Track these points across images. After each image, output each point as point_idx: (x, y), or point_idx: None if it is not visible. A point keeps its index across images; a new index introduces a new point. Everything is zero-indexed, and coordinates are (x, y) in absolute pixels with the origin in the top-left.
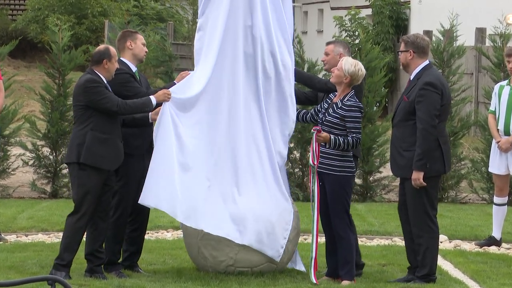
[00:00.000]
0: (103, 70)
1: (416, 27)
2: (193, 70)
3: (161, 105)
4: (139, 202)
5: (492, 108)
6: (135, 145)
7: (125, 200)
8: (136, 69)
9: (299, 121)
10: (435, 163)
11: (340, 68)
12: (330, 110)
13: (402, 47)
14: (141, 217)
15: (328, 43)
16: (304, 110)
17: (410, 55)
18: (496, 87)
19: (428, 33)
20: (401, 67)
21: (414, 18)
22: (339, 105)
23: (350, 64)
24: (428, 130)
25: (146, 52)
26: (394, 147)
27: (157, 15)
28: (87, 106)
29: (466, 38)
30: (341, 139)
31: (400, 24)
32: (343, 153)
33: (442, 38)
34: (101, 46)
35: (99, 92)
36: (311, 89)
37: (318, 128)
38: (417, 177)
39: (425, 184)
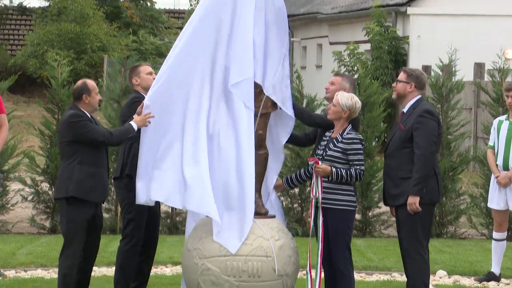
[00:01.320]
0: (84, 105)
1: (415, 62)
2: None
3: None
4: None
5: (491, 143)
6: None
7: (138, 229)
8: None
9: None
10: (431, 192)
11: (337, 104)
12: (331, 145)
13: (403, 77)
14: (151, 248)
15: (336, 74)
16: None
17: (411, 87)
18: (495, 122)
19: (427, 68)
20: (393, 96)
21: (413, 53)
22: (340, 139)
23: (346, 98)
24: (426, 156)
25: (154, 78)
26: (387, 177)
27: (156, 50)
28: (73, 141)
29: (465, 73)
30: (343, 171)
31: (399, 59)
32: (346, 187)
33: (441, 73)
34: (79, 82)
35: (83, 126)
36: (300, 121)
37: (315, 159)
38: (414, 201)
39: (420, 209)
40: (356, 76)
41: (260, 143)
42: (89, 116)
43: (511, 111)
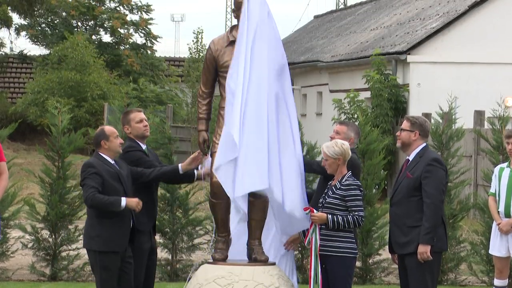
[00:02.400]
0: (105, 150)
1: (415, 110)
2: (192, 152)
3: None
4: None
5: (492, 190)
6: (142, 222)
7: (132, 275)
8: (146, 146)
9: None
10: (440, 240)
11: (327, 157)
12: (330, 192)
13: (407, 126)
14: None
15: (341, 123)
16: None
17: (415, 136)
18: (496, 169)
19: (427, 115)
20: (398, 144)
21: (413, 100)
22: (338, 186)
23: (332, 148)
24: (437, 205)
25: (145, 126)
26: (395, 225)
27: (157, 98)
28: None
29: (465, 120)
30: (339, 218)
31: (399, 107)
32: (345, 234)
33: (441, 121)
34: (98, 129)
35: (84, 178)
36: (310, 173)
37: (309, 208)
38: (425, 250)
39: (431, 258)
40: (356, 123)
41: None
42: (111, 162)
43: (511, 158)
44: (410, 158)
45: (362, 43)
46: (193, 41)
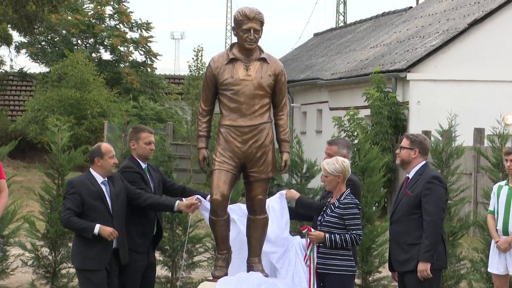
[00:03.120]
0: (97, 168)
1: (414, 127)
2: (191, 169)
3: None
4: None
5: (491, 208)
6: (138, 242)
7: None
8: (146, 165)
9: None
10: (439, 258)
11: (328, 173)
12: (328, 211)
13: (407, 144)
14: None
15: (330, 143)
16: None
17: (415, 153)
18: (495, 187)
19: (426, 133)
20: (397, 162)
21: (412, 118)
22: (336, 204)
23: (332, 165)
24: (436, 222)
25: (151, 149)
26: (394, 243)
27: (156, 116)
28: None
29: (464, 138)
30: (337, 237)
31: (399, 125)
32: (344, 252)
33: (440, 138)
34: (96, 145)
35: (65, 197)
36: (312, 214)
37: (306, 227)
38: (425, 268)
39: (431, 275)
40: (356, 141)
41: (260, 208)
42: (98, 180)
43: (510, 176)
44: (410, 176)
45: (362, 60)
46: (193, 58)
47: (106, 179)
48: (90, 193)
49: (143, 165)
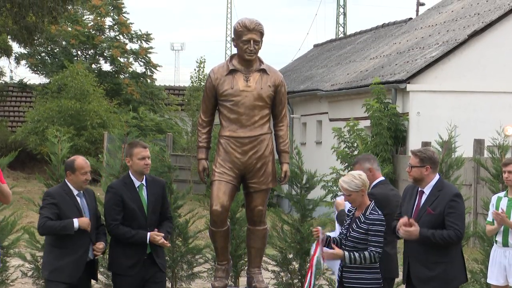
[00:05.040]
0: (70, 181)
1: (414, 139)
2: (191, 180)
3: None
4: None
5: (489, 219)
6: (126, 265)
7: None
8: (141, 183)
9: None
10: (461, 274)
11: (351, 192)
12: (354, 225)
13: (416, 162)
14: None
15: (354, 165)
16: (333, 237)
17: (426, 170)
18: (494, 199)
19: (426, 144)
20: (410, 180)
21: (412, 129)
22: (362, 219)
23: (352, 182)
24: (459, 236)
25: (146, 164)
26: (415, 260)
27: (156, 127)
28: None
29: (464, 149)
30: (356, 254)
31: (399, 135)
32: (370, 265)
33: (440, 150)
34: (72, 157)
35: (42, 207)
36: None
37: (319, 232)
38: (416, 234)
39: (415, 232)
40: (355, 152)
41: (260, 219)
42: (74, 192)
43: (509, 187)
44: (426, 191)
45: (362, 72)
46: (195, 69)
47: (81, 191)
48: (67, 205)
49: (137, 183)
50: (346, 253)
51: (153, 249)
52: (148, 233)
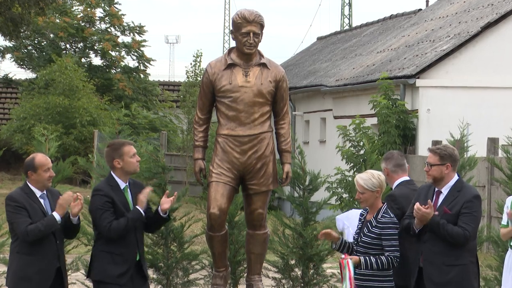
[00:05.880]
0: (32, 181)
1: (424, 137)
2: (187, 181)
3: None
4: None
5: (504, 222)
6: (116, 273)
7: None
8: (126, 184)
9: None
10: (475, 281)
11: (365, 190)
12: (365, 230)
13: (436, 160)
14: None
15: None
16: (346, 242)
17: (447, 169)
18: (508, 200)
19: (437, 143)
20: (428, 180)
21: (422, 127)
22: (374, 223)
23: (370, 180)
24: (467, 237)
25: (138, 160)
26: (429, 263)
27: (150, 125)
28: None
29: (477, 148)
30: (372, 259)
31: (408, 134)
32: (382, 272)
33: None
34: (29, 156)
35: (11, 214)
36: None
37: (343, 256)
38: (428, 216)
39: (429, 215)
40: (362, 152)
41: (260, 223)
42: (37, 194)
43: None
44: (444, 191)
45: (369, 66)
46: (191, 64)
47: (44, 192)
48: (33, 210)
49: (123, 185)
50: (362, 258)
51: (140, 256)
52: (137, 206)
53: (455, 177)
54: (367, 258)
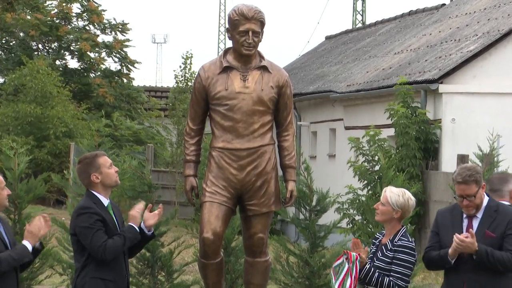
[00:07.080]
0: None
1: (448, 151)
2: (176, 202)
3: None
4: None
5: None
6: None
7: None
8: (109, 201)
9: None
10: None
11: (387, 202)
12: (379, 254)
13: (474, 188)
14: None
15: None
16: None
17: (483, 189)
18: None
19: (463, 157)
20: (471, 212)
21: (446, 139)
22: (389, 246)
23: (397, 195)
24: None
25: (116, 171)
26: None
27: (134, 136)
28: None
29: (509, 163)
30: (376, 274)
31: (429, 147)
32: None
33: (480, 164)
34: None
35: None
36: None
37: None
38: (473, 247)
39: (473, 246)
40: (377, 167)
41: (260, 249)
42: None
43: None
44: (478, 214)
45: (384, 69)
46: (180, 67)
47: None
48: None
49: (106, 202)
50: (368, 265)
51: (128, 285)
52: (131, 224)
53: (486, 196)
54: (372, 268)
